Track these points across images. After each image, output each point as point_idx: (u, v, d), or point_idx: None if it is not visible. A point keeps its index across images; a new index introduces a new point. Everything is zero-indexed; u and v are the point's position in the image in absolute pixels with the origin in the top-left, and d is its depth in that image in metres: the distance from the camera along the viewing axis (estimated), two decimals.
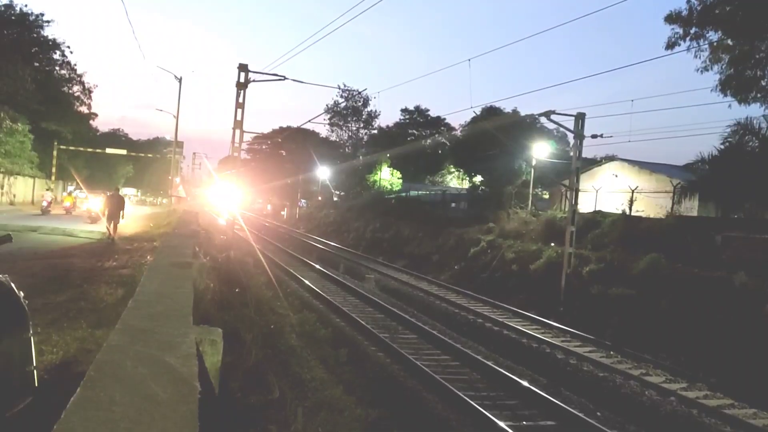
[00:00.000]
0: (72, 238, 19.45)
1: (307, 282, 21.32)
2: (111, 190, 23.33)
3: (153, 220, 31.45)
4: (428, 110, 67.99)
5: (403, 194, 49.96)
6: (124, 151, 58.91)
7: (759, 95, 19.44)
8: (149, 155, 67.59)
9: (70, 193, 41.92)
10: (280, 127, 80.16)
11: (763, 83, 19.31)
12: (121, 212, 20.27)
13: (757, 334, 12.89)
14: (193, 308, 4.35)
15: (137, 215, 35.81)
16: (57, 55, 50.36)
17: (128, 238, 19.25)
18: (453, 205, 42.91)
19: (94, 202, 28.49)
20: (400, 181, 55.89)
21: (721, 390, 11.41)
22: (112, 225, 19.76)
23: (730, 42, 19.69)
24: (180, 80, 39.86)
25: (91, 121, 59.79)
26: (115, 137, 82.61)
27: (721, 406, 10.42)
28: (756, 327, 13.03)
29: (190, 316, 4.02)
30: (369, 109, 71.10)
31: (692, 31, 20.33)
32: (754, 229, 17.26)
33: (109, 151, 55.31)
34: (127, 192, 68.79)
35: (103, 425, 2.03)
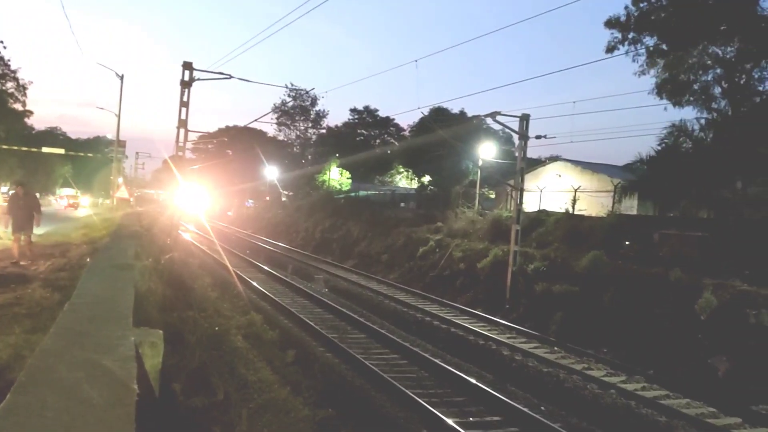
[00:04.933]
0: (2, 241, 18.54)
1: (254, 283, 21.04)
2: (14, 187, 16.85)
3: (93, 221, 30.43)
4: (377, 110, 68.21)
5: (353, 194, 49.93)
6: (62, 151, 56.54)
7: (692, 98, 20.24)
8: (89, 155, 65.34)
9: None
10: (227, 126, 79.11)
11: (696, 87, 20.14)
12: (35, 218, 14.73)
13: (690, 328, 13.47)
14: (133, 310, 4.25)
15: (75, 216, 34.62)
16: None
17: (64, 242, 18.31)
18: (402, 204, 43.16)
19: None
20: (350, 181, 55.85)
21: (657, 382, 11.88)
22: (21, 238, 14.37)
23: (665, 47, 20.46)
24: (122, 78, 38.74)
25: (26, 119, 57.40)
26: (53, 136, 79.76)
27: (657, 398, 10.84)
28: (689, 321, 13.61)
29: (130, 318, 3.93)
30: (317, 108, 70.88)
31: (630, 35, 21.03)
32: (688, 227, 18.04)
33: (45, 150, 53.03)
34: (66, 192, 66.01)
35: (34, 431, 1.96)
